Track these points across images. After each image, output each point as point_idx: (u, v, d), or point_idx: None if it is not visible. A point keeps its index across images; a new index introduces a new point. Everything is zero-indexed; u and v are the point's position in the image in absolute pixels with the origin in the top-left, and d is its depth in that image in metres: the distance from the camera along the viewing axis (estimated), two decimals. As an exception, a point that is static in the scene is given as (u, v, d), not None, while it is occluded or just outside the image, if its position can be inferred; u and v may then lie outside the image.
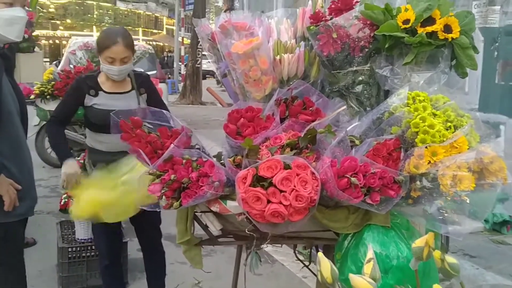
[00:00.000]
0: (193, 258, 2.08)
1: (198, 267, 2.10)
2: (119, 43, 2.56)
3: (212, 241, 2.08)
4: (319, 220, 1.70)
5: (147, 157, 1.77)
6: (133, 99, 2.68)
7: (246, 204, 1.56)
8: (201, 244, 2.06)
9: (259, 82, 2.22)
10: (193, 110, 14.54)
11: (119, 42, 2.56)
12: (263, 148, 1.70)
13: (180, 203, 1.67)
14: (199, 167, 1.68)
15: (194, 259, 2.08)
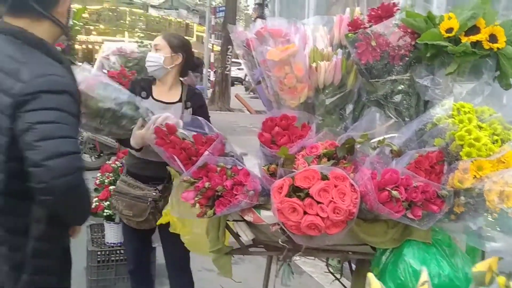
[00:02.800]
0: (222, 266, 2.05)
1: (228, 276, 2.08)
2: (160, 36, 2.74)
3: (243, 251, 2.05)
4: (356, 234, 1.65)
5: (181, 163, 1.75)
6: (177, 112, 2.62)
7: (282, 214, 1.51)
8: (231, 253, 2.03)
9: (294, 90, 2.18)
10: (221, 117, 14.58)
11: (161, 35, 2.75)
12: (299, 158, 1.66)
13: (214, 211, 1.64)
14: (233, 175, 1.65)
15: (223, 267, 2.05)
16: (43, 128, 1.41)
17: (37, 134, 1.40)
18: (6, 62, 1.49)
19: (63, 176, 1.41)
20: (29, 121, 1.41)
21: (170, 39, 2.67)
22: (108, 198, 3.39)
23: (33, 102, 1.42)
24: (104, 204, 3.42)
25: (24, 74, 1.45)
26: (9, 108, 1.42)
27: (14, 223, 1.48)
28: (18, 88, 1.43)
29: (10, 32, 1.55)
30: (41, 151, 1.39)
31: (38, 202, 1.46)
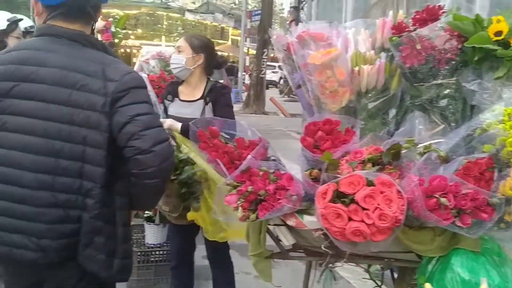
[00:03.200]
0: (262, 270, 2.05)
1: (267, 280, 2.07)
2: (183, 37, 2.80)
3: (284, 255, 2.04)
4: (402, 241, 1.61)
5: (224, 167, 1.76)
6: (199, 108, 2.72)
7: (326, 220, 1.50)
8: (272, 257, 2.03)
9: (335, 94, 2.16)
10: (255, 120, 14.63)
11: (183, 36, 2.81)
12: (343, 163, 1.64)
13: (256, 215, 1.64)
14: (276, 179, 1.65)
15: (263, 271, 2.05)
16: (144, 119, 1.54)
17: (140, 125, 1.52)
18: (84, 65, 1.57)
19: (167, 160, 1.57)
20: (129, 114, 1.53)
21: (191, 40, 2.74)
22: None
23: (126, 97, 1.55)
24: (144, 205, 3.47)
25: (111, 73, 1.57)
26: (105, 106, 1.53)
27: (108, 213, 1.59)
28: (111, 87, 1.54)
29: (72, 36, 1.63)
30: (147, 139, 1.51)
31: (139, 186, 1.57)
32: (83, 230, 1.57)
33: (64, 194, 1.54)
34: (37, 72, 1.57)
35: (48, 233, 1.54)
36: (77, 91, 1.54)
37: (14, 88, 1.57)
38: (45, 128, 1.53)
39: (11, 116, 1.56)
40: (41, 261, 1.55)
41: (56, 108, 1.54)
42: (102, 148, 1.54)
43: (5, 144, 1.56)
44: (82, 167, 1.54)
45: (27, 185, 1.53)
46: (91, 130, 1.54)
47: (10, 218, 1.54)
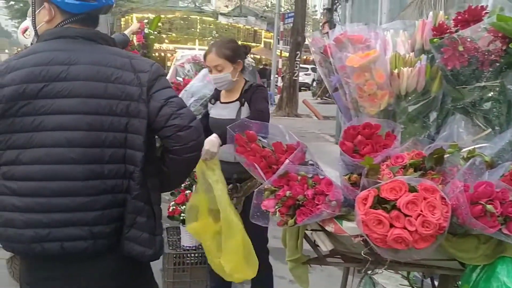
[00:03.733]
0: (299, 276, 2.03)
1: (304, 286, 2.05)
2: (212, 52, 2.75)
3: (321, 261, 2.01)
4: (445, 249, 1.57)
5: (262, 171, 1.75)
6: (235, 109, 2.74)
7: (366, 226, 1.47)
8: (309, 262, 2.01)
9: (374, 97, 2.12)
10: (288, 122, 14.59)
11: (212, 52, 2.75)
12: (383, 168, 1.61)
13: (294, 220, 1.63)
14: (315, 184, 1.63)
15: (300, 277, 2.03)
16: (176, 100, 1.69)
17: (176, 105, 1.67)
18: (112, 59, 1.68)
19: (202, 133, 1.74)
20: (163, 97, 1.67)
21: (225, 54, 2.72)
22: (184, 202, 3.48)
23: (157, 84, 1.69)
24: (180, 208, 3.51)
25: (139, 65, 1.70)
26: (142, 95, 1.65)
27: (145, 194, 1.69)
28: (144, 77, 1.67)
29: (87, 35, 1.72)
30: (185, 116, 1.66)
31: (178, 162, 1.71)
32: (127, 211, 1.67)
33: (113, 180, 1.65)
34: (67, 70, 1.63)
35: (101, 219, 1.63)
36: (112, 84, 1.64)
37: (44, 89, 1.61)
38: (88, 122, 1.61)
39: (47, 115, 1.61)
40: (91, 249, 1.62)
41: (94, 101, 1.62)
42: (142, 134, 1.65)
43: (47, 143, 1.61)
44: (125, 152, 1.66)
45: (78, 177, 1.61)
46: (131, 118, 1.65)
47: (63, 212, 1.60)
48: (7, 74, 1.64)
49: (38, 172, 1.61)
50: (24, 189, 1.61)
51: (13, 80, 1.62)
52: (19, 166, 1.62)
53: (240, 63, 2.76)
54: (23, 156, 1.62)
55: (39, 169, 1.61)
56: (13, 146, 1.63)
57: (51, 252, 1.61)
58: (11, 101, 1.62)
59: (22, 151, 1.62)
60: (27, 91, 1.61)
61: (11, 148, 1.63)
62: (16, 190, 1.62)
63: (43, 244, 1.60)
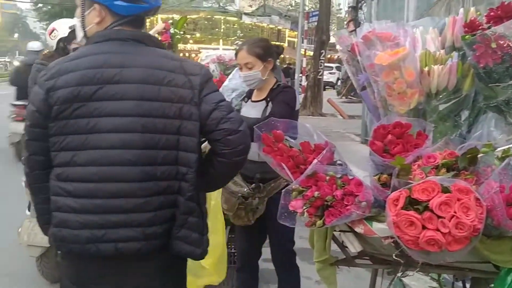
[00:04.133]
0: (327, 277, 2.01)
1: (332, 287, 2.02)
2: (243, 50, 2.73)
3: (349, 262, 1.99)
4: (479, 251, 1.52)
5: (289, 171, 1.73)
6: (260, 108, 2.73)
7: (398, 228, 1.44)
8: (337, 264, 1.98)
9: (403, 95, 2.09)
10: (313, 121, 14.50)
11: (243, 49, 2.73)
12: (415, 168, 1.57)
13: (323, 221, 1.60)
14: (344, 184, 1.60)
15: (328, 278, 2.01)
16: (226, 104, 1.71)
17: (226, 109, 1.68)
18: (164, 62, 1.69)
19: (249, 137, 1.74)
20: (214, 101, 1.68)
21: (255, 52, 2.70)
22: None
23: (207, 87, 1.70)
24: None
25: (190, 69, 1.70)
26: (194, 98, 1.66)
27: (197, 195, 1.72)
28: (196, 80, 1.68)
29: (138, 38, 1.73)
30: (234, 121, 1.68)
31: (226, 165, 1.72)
32: (179, 212, 1.69)
33: (165, 182, 1.66)
34: (120, 73, 1.64)
35: (154, 220, 1.65)
36: (165, 87, 1.65)
37: (98, 92, 1.62)
38: (142, 124, 1.63)
39: (101, 118, 1.63)
40: (144, 250, 1.65)
41: (148, 104, 1.64)
42: (195, 136, 1.67)
43: (102, 145, 1.63)
44: (177, 154, 1.67)
45: (133, 178, 1.63)
46: (184, 120, 1.66)
47: (118, 214, 1.63)
48: (61, 76, 1.65)
49: (94, 173, 1.62)
50: (80, 191, 1.63)
51: (68, 82, 1.64)
52: (74, 167, 1.64)
53: (271, 61, 2.73)
54: (78, 158, 1.63)
55: (96, 170, 1.62)
56: (67, 148, 1.64)
57: (105, 253, 1.64)
58: (65, 103, 1.63)
59: (77, 153, 1.63)
60: (82, 93, 1.62)
61: (66, 149, 1.64)
62: (72, 191, 1.64)
63: (98, 244, 1.62)
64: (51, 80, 1.66)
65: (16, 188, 3.53)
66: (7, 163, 6.21)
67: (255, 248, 3.02)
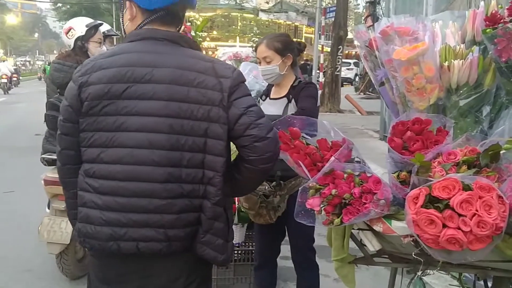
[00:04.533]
0: (345, 276, 1.99)
1: (351, 286, 2.01)
2: (262, 44, 2.71)
3: (368, 261, 1.96)
4: (502, 250, 1.48)
5: (306, 169, 1.71)
6: (281, 106, 2.69)
7: (417, 227, 1.41)
8: (355, 262, 1.96)
9: (423, 91, 2.04)
10: (331, 118, 14.42)
11: (262, 43, 2.71)
12: (435, 165, 1.54)
13: (341, 220, 1.58)
14: (362, 182, 1.57)
15: (346, 277, 1.99)
16: (256, 110, 1.66)
17: (255, 115, 1.64)
18: (195, 63, 1.66)
19: (278, 144, 1.71)
20: (243, 106, 1.64)
21: (275, 46, 2.67)
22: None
23: (238, 91, 1.66)
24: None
25: (221, 71, 1.67)
26: (223, 101, 1.63)
27: (224, 200, 1.70)
28: (227, 83, 1.65)
29: (172, 38, 1.71)
30: (263, 127, 1.63)
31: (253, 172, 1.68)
32: (205, 216, 1.66)
33: (190, 185, 1.64)
34: (151, 73, 1.63)
35: (176, 222, 1.63)
36: (195, 88, 1.63)
37: (127, 90, 1.63)
38: (169, 124, 1.61)
39: (130, 116, 1.63)
40: (166, 251, 1.63)
41: (176, 105, 1.62)
42: (223, 139, 1.64)
43: (129, 143, 1.63)
44: (204, 157, 1.64)
45: (157, 179, 1.61)
46: (211, 123, 1.63)
47: (140, 213, 1.62)
48: (94, 73, 1.67)
49: (119, 172, 1.63)
50: (104, 188, 1.64)
51: (100, 79, 1.65)
52: (101, 164, 1.65)
53: (290, 57, 2.70)
54: (104, 155, 1.64)
55: (120, 169, 1.63)
56: (95, 145, 1.66)
57: (126, 251, 1.64)
58: (96, 99, 1.64)
59: (104, 150, 1.64)
60: (112, 91, 1.63)
61: (93, 146, 1.66)
62: (97, 188, 1.65)
63: (119, 242, 1.63)
64: (85, 76, 1.68)
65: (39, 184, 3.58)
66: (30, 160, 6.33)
67: (274, 245, 3.00)
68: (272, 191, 2.66)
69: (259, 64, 2.75)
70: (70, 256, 3.60)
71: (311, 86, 2.72)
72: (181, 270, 1.72)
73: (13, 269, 3.98)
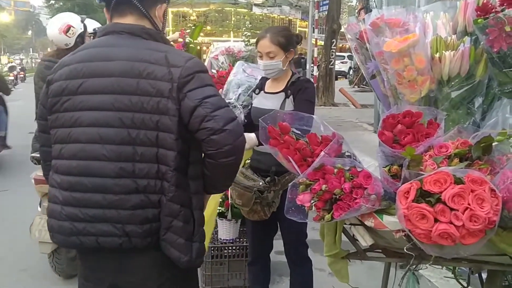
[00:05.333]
0: (339, 271, 1.97)
1: (344, 281, 1.99)
2: (265, 38, 2.64)
3: (361, 255, 1.94)
4: (495, 244, 1.46)
5: (296, 164, 1.68)
6: (279, 101, 2.66)
7: (409, 221, 1.39)
8: (348, 257, 1.93)
9: (414, 83, 2.02)
10: (325, 112, 14.40)
11: (265, 37, 2.65)
12: (426, 158, 1.51)
13: (331, 215, 1.55)
14: (352, 177, 1.55)
15: (340, 272, 1.97)
16: (212, 101, 1.57)
17: (210, 106, 1.55)
18: (147, 54, 1.61)
19: (240, 136, 1.60)
20: (197, 97, 1.56)
21: (278, 41, 2.63)
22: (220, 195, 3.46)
23: (192, 82, 1.58)
24: (216, 201, 3.49)
25: (175, 60, 1.60)
26: (172, 91, 1.56)
27: (184, 197, 1.63)
28: (176, 72, 1.57)
29: (133, 31, 1.68)
30: (219, 119, 1.54)
31: (216, 167, 1.61)
32: (163, 213, 1.62)
33: (144, 180, 1.60)
34: (103, 66, 1.62)
35: (132, 218, 1.59)
36: (144, 80, 1.58)
37: (82, 85, 1.63)
38: (119, 118, 1.58)
39: (83, 111, 1.63)
40: (126, 246, 1.60)
41: (126, 98, 1.59)
42: (173, 132, 1.58)
43: (82, 139, 1.63)
44: (157, 151, 1.59)
45: (109, 174, 1.59)
46: (161, 115, 1.57)
47: (96, 208, 1.61)
48: (59, 70, 1.70)
49: (75, 167, 1.63)
50: (64, 183, 1.66)
51: (61, 75, 1.68)
52: (62, 160, 1.67)
53: (292, 52, 2.67)
54: (64, 151, 1.66)
55: (76, 164, 1.63)
56: (57, 141, 1.69)
57: (87, 246, 1.64)
58: (56, 96, 1.67)
59: (64, 146, 1.66)
60: (69, 87, 1.65)
61: (57, 142, 1.69)
62: (60, 183, 1.67)
63: (80, 237, 1.63)
64: (52, 74, 1.72)
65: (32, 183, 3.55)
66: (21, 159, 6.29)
67: (267, 241, 2.99)
68: (267, 186, 2.64)
69: (261, 58, 2.68)
70: (63, 255, 3.57)
71: (309, 86, 2.68)
72: (152, 268, 1.68)
73: (8, 268, 3.96)
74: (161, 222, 1.62)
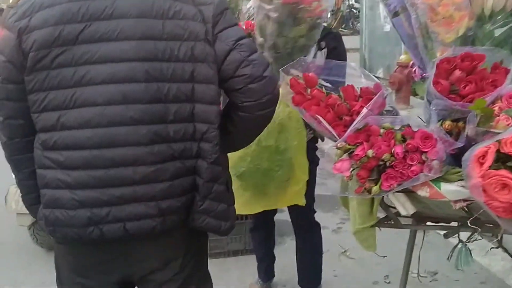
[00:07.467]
0: (365, 239, 1.78)
1: (371, 250, 1.81)
2: None
3: (396, 224, 1.71)
4: None
5: (329, 125, 1.38)
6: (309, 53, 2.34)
7: (485, 192, 1.11)
8: (379, 225, 1.72)
9: (450, 20, 1.74)
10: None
11: None
12: (497, 112, 1.23)
13: (380, 187, 1.27)
14: (405, 139, 1.26)
15: (367, 240, 1.78)
16: (247, 43, 1.36)
17: (246, 49, 1.34)
18: None
19: (277, 85, 1.41)
20: (232, 38, 1.34)
21: None
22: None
23: (222, 21, 1.35)
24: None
25: None
26: (208, 33, 1.32)
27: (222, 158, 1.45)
28: (208, 11, 1.33)
29: None
30: (258, 64, 1.34)
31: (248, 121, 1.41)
32: (202, 179, 1.39)
33: (180, 143, 1.35)
34: (113, 5, 1.27)
35: (170, 191, 1.36)
36: (171, 20, 1.30)
37: (84, 31, 1.28)
38: (146, 70, 1.29)
39: (92, 65, 1.29)
40: (159, 229, 1.36)
41: (151, 44, 1.30)
42: (213, 83, 1.34)
43: (97, 100, 1.29)
44: (193, 108, 1.35)
45: (139, 141, 1.31)
46: (197, 63, 1.33)
47: (124, 186, 1.33)
48: (35, 13, 1.31)
49: (90, 137, 1.31)
50: (73, 161, 1.32)
51: (45, 20, 1.29)
52: (63, 131, 1.32)
53: None
54: (65, 119, 1.31)
55: (90, 134, 1.31)
56: (51, 107, 1.32)
57: (111, 235, 1.34)
58: (43, 48, 1.29)
59: (64, 113, 1.31)
60: (64, 34, 1.28)
61: (49, 109, 1.32)
62: (63, 162, 1.33)
63: (102, 226, 1.33)
64: (23, 20, 1.30)
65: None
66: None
67: None
68: None
69: None
70: (44, 225, 3.28)
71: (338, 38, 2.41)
72: (176, 250, 1.44)
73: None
74: (199, 191, 1.39)
